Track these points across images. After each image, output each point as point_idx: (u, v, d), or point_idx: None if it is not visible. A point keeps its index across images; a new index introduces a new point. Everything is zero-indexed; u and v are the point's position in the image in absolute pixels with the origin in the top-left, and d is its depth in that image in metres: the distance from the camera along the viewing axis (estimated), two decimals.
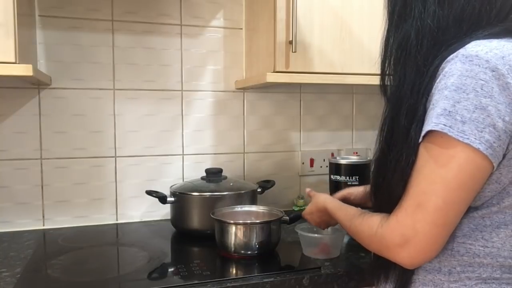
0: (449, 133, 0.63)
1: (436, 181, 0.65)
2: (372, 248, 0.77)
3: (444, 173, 0.65)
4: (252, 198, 1.36)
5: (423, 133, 0.67)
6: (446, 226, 0.66)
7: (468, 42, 0.68)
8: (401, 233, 0.68)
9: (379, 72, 0.80)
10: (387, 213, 0.73)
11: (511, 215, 0.68)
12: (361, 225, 0.79)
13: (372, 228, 0.74)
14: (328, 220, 1.05)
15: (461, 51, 0.66)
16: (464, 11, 0.71)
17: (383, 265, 0.77)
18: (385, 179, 0.74)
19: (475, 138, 0.62)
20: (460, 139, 0.63)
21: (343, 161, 1.37)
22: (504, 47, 0.66)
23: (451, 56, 0.67)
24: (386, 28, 0.79)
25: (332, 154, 1.70)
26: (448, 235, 0.68)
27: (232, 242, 1.10)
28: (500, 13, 0.72)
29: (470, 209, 0.69)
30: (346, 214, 0.89)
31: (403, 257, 0.68)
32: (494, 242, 0.69)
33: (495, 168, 0.65)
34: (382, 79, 0.80)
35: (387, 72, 0.78)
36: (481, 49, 0.65)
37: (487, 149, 0.62)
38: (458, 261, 0.71)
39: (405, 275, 0.75)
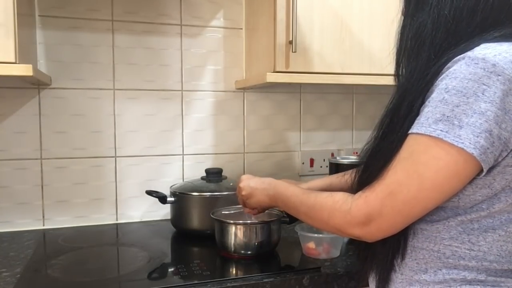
0: (445, 138, 0.63)
1: (413, 176, 0.66)
2: (331, 223, 0.76)
3: (422, 170, 0.65)
4: None
5: (416, 130, 0.67)
6: (409, 217, 0.69)
7: (478, 44, 0.67)
8: (368, 212, 0.70)
9: (394, 60, 0.80)
10: (349, 193, 0.75)
11: (500, 220, 0.68)
12: (325, 199, 0.78)
13: (337, 202, 0.75)
14: (266, 203, 1.00)
15: (469, 53, 0.65)
16: (479, 3, 0.70)
17: (369, 247, 0.78)
18: (370, 163, 0.75)
19: (470, 143, 0.62)
20: (455, 143, 0.62)
21: (343, 161, 1.37)
22: None
23: (458, 57, 0.66)
24: (402, 17, 0.79)
25: (332, 154, 1.70)
26: (409, 223, 0.71)
27: (232, 242, 1.10)
28: None
29: (459, 212, 0.70)
30: (297, 189, 0.90)
31: (365, 232, 0.71)
32: (480, 246, 0.69)
33: (484, 173, 0.65)
34: (397, 69, 0.80)
35: (401, 63, 0.78)
36: (490, 52, 0.64)
37: (480, 155, 0.62)
38: (443, 263, 0.71)
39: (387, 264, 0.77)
